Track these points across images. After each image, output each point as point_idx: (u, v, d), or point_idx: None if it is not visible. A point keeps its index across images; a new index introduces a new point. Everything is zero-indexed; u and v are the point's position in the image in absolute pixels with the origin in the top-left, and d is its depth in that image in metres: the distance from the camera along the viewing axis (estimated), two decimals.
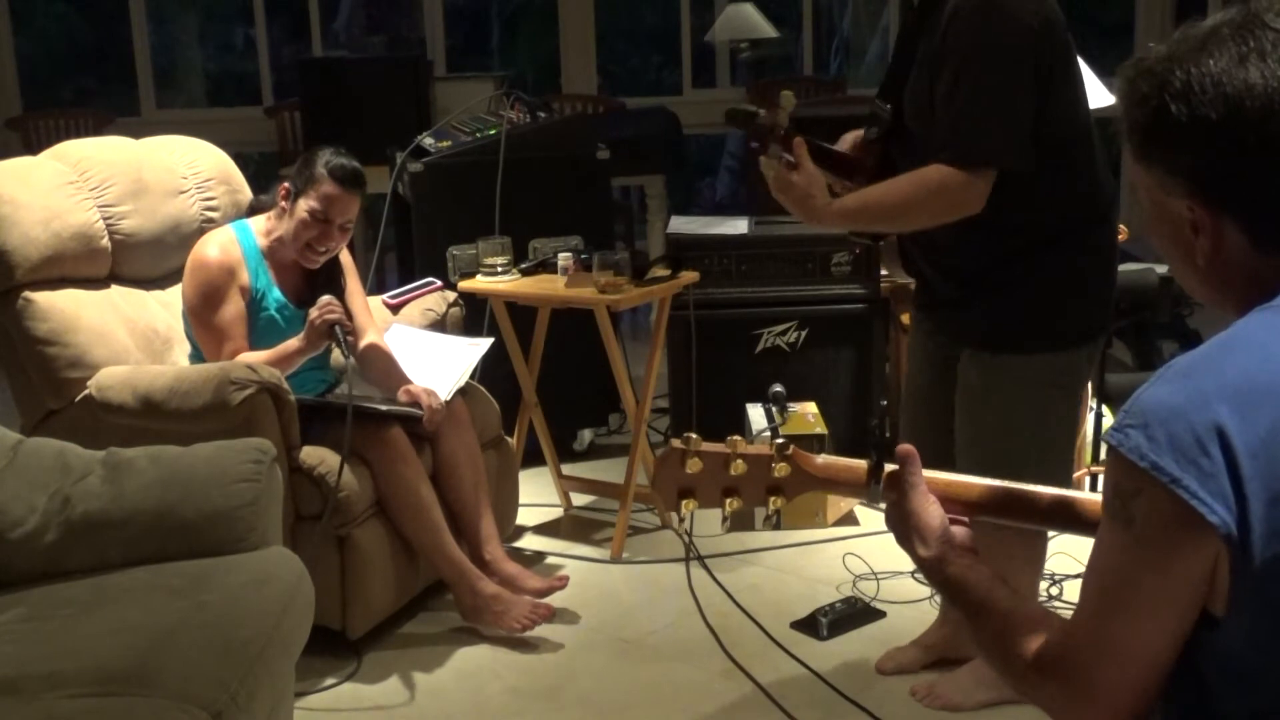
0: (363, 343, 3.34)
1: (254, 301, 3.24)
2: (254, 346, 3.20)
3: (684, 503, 1.52)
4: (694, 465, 1.50)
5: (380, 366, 3.37)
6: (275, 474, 2.59)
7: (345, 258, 3.43)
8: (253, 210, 3.42)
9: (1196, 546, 1.17)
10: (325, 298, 3.19)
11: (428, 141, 4.30)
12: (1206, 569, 1.18)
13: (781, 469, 1.50)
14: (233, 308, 3.19)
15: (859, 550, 3.56)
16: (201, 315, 3.20)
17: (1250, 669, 1.20)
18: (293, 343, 3.19)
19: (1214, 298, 1.33)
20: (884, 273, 2.78)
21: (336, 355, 3.45)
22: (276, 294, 3.28)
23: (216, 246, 3.22)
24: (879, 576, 3.42)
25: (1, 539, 2.41)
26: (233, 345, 3.17)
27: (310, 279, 3.31)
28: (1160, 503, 1.17)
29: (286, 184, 3.25)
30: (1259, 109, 1.21)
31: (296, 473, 3.04)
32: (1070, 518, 1.47)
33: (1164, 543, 1.18)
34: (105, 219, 3.30)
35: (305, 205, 3.20)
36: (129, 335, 3.28)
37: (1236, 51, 1.23)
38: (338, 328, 3.14)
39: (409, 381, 3.33)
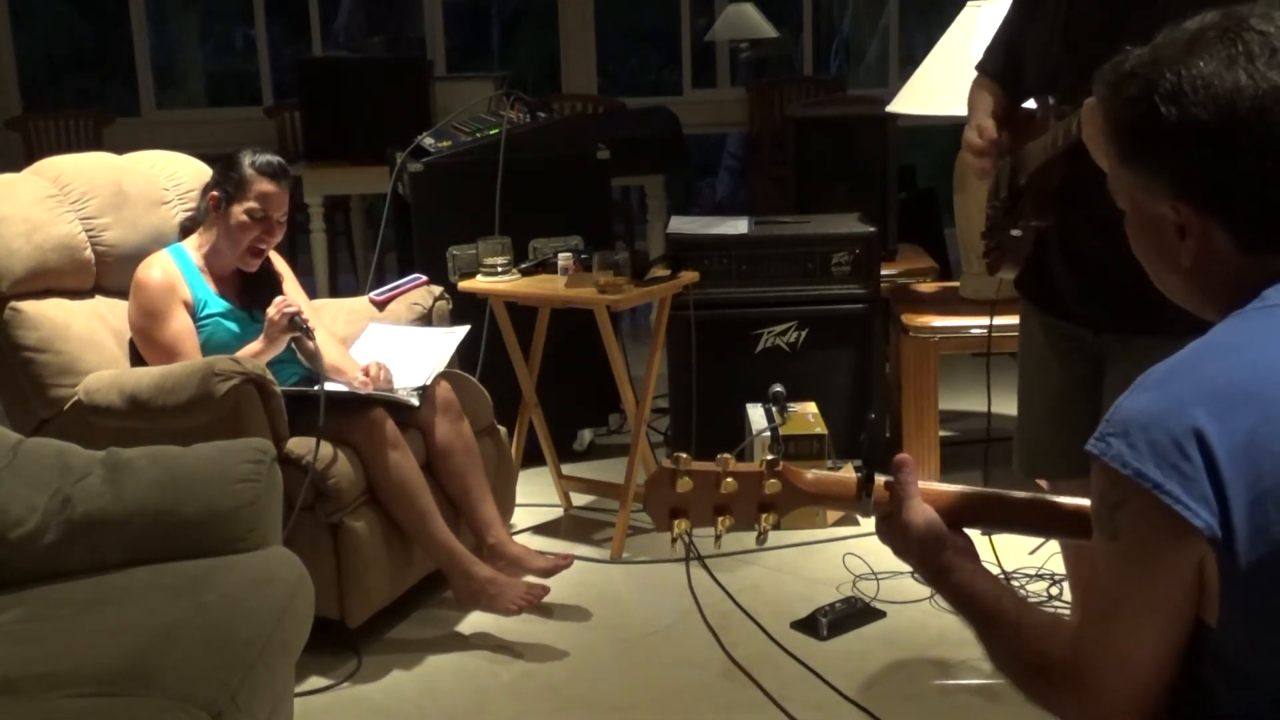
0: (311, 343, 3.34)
1: (198, 315, 3.26)
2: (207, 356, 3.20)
3: (676, 523, 1.51)
4: (684, 485, 1.49)
5: (334, 365, 3.37)
6: (275, 474, 2.59)
7: (282, 265, 3.49)
8: (185, 231, 3.43)
9: (1182, 551, 1.17)
10: (279, 298, 3.25)
11: (428, 141, 4.30)
12: (1193, 574, 1.18)
13: (772, 485, 1.49)
14: (178, 323, 3.21)
15: (859, 550, 3.55)
16: (148, 333, 3.22)
17: (1247, 670, 1.21)
18: (254, 345, 3.22)
19: (1196, 300, 1.33)
20: (1002, 276, 2.58)
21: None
22: (220, 301, 3.31)
23: (157, 268, 3.25)
24: (879, 576, 3.41)
25: (1, 539, 2.42)
26: (184, 359, 3.16)
27: (249, 284, 3.35)
28: (1145, 510, 1.17)
29: (215, 193, 3.28)
30: (1250, 110, 1.22)
31: (285, 464, 3.03)
32: (1048, 521, 1.47)
33: (1151, 550, 1.18)
34: (87, 231, 3.32)
35: (241, 209, 3.25)
36: (117, 346, 3.30)
37: (1225, 54, 1.23)
38: (297, 318, 3.19)
39: (359, 369, 3.36)
